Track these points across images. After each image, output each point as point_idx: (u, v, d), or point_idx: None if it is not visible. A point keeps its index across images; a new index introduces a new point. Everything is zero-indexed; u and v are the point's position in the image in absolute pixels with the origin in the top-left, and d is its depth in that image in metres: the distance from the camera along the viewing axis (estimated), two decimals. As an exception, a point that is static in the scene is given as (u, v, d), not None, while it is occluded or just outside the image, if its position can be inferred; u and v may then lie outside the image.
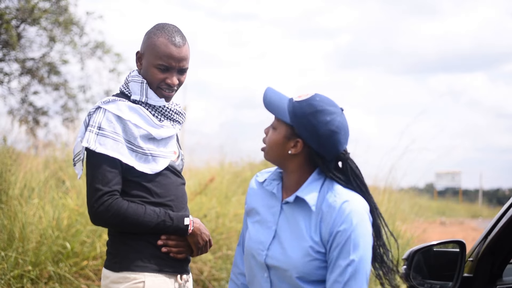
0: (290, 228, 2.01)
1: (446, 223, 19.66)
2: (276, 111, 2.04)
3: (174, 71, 2.42)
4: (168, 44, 2.39)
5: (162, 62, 2.39)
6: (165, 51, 2.39)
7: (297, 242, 1.98)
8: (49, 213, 5.55)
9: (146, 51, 2.43)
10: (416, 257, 2.40)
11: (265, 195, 2.14)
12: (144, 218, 2.31)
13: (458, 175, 35.61)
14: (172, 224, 2.36)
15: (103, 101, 2.37)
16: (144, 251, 2.35)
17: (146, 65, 2.42)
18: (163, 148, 2.42)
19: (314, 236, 1.96)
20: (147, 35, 2.46)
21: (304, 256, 1.96)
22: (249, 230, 2.15)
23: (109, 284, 2.36)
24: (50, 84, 11.54)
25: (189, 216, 2.42)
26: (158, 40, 2.40)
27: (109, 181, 2.29)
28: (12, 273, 4.86)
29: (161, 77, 2.41)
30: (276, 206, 2.08)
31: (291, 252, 1.98)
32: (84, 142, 2.30)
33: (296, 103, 2.01)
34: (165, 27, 2.44)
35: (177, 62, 2.41)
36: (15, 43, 10.06)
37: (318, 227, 1.96)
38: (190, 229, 2.39)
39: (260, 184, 2.17)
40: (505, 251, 2.35)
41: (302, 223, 1.99)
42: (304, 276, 1.96)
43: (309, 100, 2.01)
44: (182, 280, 2.44)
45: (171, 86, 2.42)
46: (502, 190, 41.93)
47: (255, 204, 2.16)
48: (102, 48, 11.88)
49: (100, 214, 2.28)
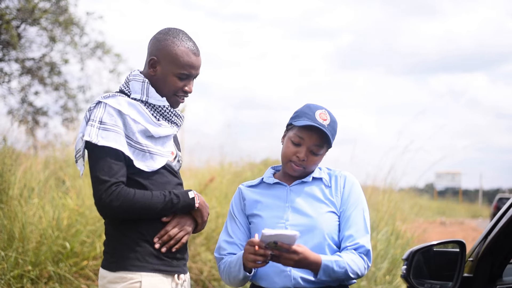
0: (304, 199, 2.47)
1: (446, 223, 19.68)
2: (330, 144, 2.50)
3: (192, 79, 2.47)
4: (189, 53, 2.42)
5: (184, 71, 2.42)
6: (188, 60, 2.41)
7: (313, 205, 2.46)
8: (49, 213, 5.55)
9: (164, 59, 2.42)
10: (416, 257, 2.40)
11: (263, 189, 2.55)
12: (151, 200, 2.31)
13: (458, 175, 35.66)
14: (179, 201, 2.36)
15: (103, 96, 2.38)
16: (141, 251, 2.35)
17: (164, 72, 2.42)
18: (160, 146, 2.42)
19: (330, 198, 2.48)
20: (160, 41, 2.43)
21: (322, 214, 2.45)
22: (258, 219, 2.49)
23: (106, 284, 2.35)
24: (50, 84, 11.55)
25: (191, 190, 2.43)
26: (179, 49, 2.40)
27: (116, 172, 2.29)
28: (12, 273, 4.86)
29: (181, 85, 2.44)
30: (282, 189, 2.51)
31: (311, 213, 2.44)
32: (86, 136, 2.30)
33: (329, 127, 2.46)
34: (180, 34, 2.44)
35: (196, 70, 2.46)
36: (16, 43, 10.07)
37: (331, 193, 2.50)
38: (197, 202, 2.40)
39: (251, 187, 2.58)
40: (505, 251, 2.35)
41: (319, 193, 2.49)
42: (323, 228, 2.43)
43: (331, 117, 2.48)
44: (180, 279, 2.43)
45: (188, 93, 2.47)
46: (502, 190, 41.95)
47: (255, 199, 2.53)
48: (102, 48, 11.89)
49: (109, 204, 2.27)
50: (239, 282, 2.44)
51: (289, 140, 2.48)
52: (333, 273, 2.33)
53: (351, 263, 2.36)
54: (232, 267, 2.41)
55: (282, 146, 2.53)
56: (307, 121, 2.44)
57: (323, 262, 2.31)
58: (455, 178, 35.60)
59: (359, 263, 2.39)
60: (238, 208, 2.56)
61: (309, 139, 2.44)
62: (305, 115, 2.46)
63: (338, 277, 2.35)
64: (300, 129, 2.45)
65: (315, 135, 2.44)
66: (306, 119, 2.44)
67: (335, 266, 2.33)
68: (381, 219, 7.40)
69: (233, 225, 2.54)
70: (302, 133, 2.45)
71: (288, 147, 2.47)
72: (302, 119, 2.46)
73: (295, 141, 2.46)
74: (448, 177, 35.51)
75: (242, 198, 2.56)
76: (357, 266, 2.37)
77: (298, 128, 2.46)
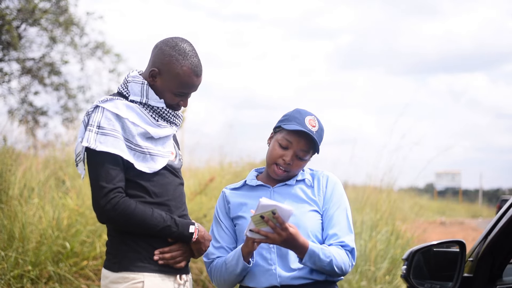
0: (287, 200, 2.49)
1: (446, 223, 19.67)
2: (317, 151, 2.52)
3: (189, 95, 2.48)
4: (191, 75, 2.41)
5: (183, 90, 2.43)
6: (188, 81, 2.41)
7: (296, 206, 2.47)
8: (49, 213, 5.55)
9: (166, 74, 2.40)
10: (416, 257, 2.40)
11: (246, 191, 2.58)
12: (150, 221, 2.31)
13: (458, 175, 35.66)
14: (177, 230, 2.37)
15: (101, 100, 2.37)
16: (143, 252, 2.35)
17: (163, 86, 2.42)
18: (161, 147, 2.42)
19: (313, 198, 2.51)
20: (165, 55, 2.40)
21: (305, 213, 2.48)
22: (243, 221, 2.51)
23: (108, 284, 2.36)
24: (50, 84, 11.55)
25: (194, 223, 2.43)
26: (182, 70, 2.39)
27: (113, 178, 2.30)
28: (12, 273, 4.86)
29: (176, 100, 2.45)
30: (266, 190, 2.54)
31: (294, 212, 2.39)
32: (84, 142, 2.30)
33: (317, 134, 2.49)
34: (186, 50, 2.41)
35: (195, 89, 2.47)
36: (16, 43, 10.07)
37: (313, 193, 2.53)
38: (195, 238, 2.41)
39: (234, 190, 2.61)
40: (505, 251, 2.35)
41: (301, 193, 2.52)
42: (307, 227, 2.45)
43: (319, 124, 2.52)
44: (182, 280, 2.44)
45: (183, 106, 2.49)
46: (502, 190, 41.95)
47: (240, 202, 2.55)
48: (102, 48, 11.89)
49: (107, 211, 2.28)
50: (235, 278, 2.46)
51: (277, 143, 2.50)
52: (318, 260, 2.35)
53: (337, 256, 2.39)
54: (229, 262, 2.44)
55: (268, 147, 2.56)
56: (297, 125, 2.46)
57: (310, 247, 2.34)
58: (455, 178, 35.61)
59: (345, 259, 2.42)
60: (223, 212, 2.59)
61: (297, 144, 2.47)
62: (295, 119, 2.49)
63: (323, 266, 2.37)
64: (289, 132, 2.48)
65: (304, 141, 2.47)
66: (296, 124, 2.47)
67: (321, 254, 2.36)
68: (381, 219, 7.39)
69: (219, 230, 2.57)
70: (291, 137, 2.47)
71: (275, 149, 2.50)
72: (292, 123, 2.48)
73: (282, 144, 2.48)
74: (448, 177, 35.52)
75: (226, 201, 2.59)
76: (342, 260, 2.41)
77: (287, 131, 2.49)
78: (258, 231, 2.29)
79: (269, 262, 2.43)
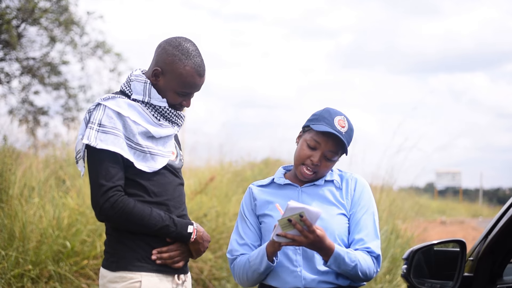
0: (315, 201, 2.46)
1: (446, 222, 19.66)
2: (345, 151, 2.48)
3: (192, 95, 2.49)
4: (195, 75, 2.41)
5: (185, 90, 2.43)
6: (191, 81, 2.42)
7: (323, 208, 2.43)
8: (50, 212, 5.55)
9: (169, 74, 2.41)
10: (417, 257, 2.40)
11: (274, 189, 2.54)
12: (149, 220, 2.31)
13: (459, 174, 35.62)
14: (175, 230, 2.37)
15: (103, 98, 2.37)
16: (141, 251, 2.35)
17: (166, 86, 2.42)
18: (161, 147, 2.42)
19: (341, 201, 2.48)
20: (168, 55, 2.41)
21: (333, 216, 2.45)
22: (269, 219, 2.48)
23: (106, 284, 2.36)
24: (50, 84, 11.54)
25: (193, 224, 2.43)
26: (185, 70, 2.39)
27: (112, 176, 2.30)
28: (12, 272, 4.86)
29: (179, 100, 2.45)
30: (294, 190, 2.50)
31: (322, 215, 2.36)
32: (85, 139, 2.30)
33: (346, 135, 2.45)
34: (189, 50, 2.42)
35: (198, 89, 2.47)
36: (16, 43, 10.07)
37: (341, 196, 2.50)
38: (193, 238, 2.41)
39: (262, 187, 2.56)
40: (506, 251, 2.35)
41: (330, 195, 2.48)
42: (334, 231, 2.42)
43: (349, 124, 2.48)
44: (180, 280, 2.44)
45: (185, 106, 2.48)
46: (502, 190, 41.93)
47: (266, 200, 2.51)
48: (103, 48, 11.87)
49: (105, 210, 2.29)
50: (258, 277, 2.43)
51: (305, 143, 2.46)
52: (343, 264, 2.33)
53: (362, 261, 2.37)
54: (252, 260, 2.41)
55: (297, 146, 2.52)
56: (326, 126, 2.43)
57: (336, 250, 2.31)
58: (456, 178, 35.57)
59: (370, 264, 2.40)
60: (249, 208, 2.55)
61: (325, 145, 2.43)
62: (324, 119, 2.45)
63: (347, 270, 2.34)
64: (317, 133, 2.44)
65: (332, 142, 2.44)
66: (325, 124, 2.44)
67: (346, 258, 2.33)
68: (381, 218, 7.39)
69: (244, 226, 2.53)
70: (319, 137, 2.44)
71: (303, 150, 2.46)
72: (321, 123, 2.44)
73: (311, 144, 2.45)
74: (449, 177, 35.48)
75: (253, 198, 2.55)
76: (367, 266, 2.38)
77: (315, 132, 2.45)
78: (285, 235, 2.25)
79: (294, 263, 2.41)
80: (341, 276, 2.40)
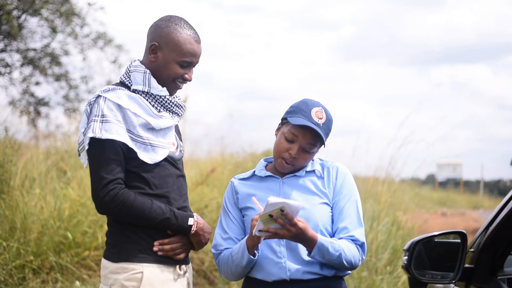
0: (297, 191, 2.46)
1: (447, 214, 19.66)
2: (323, 143, 2.47)
3: (193, 67, 2.47)
4: (192, 41, 2.42)
5: (186, 58, 2.41)
6: (190, 48, 2.41)
7: (305, 198, 2.45)
8: (51, 204, 5.56)
9: (166, 46, 2.41)
10: (417, 248, 2.40)
11: (255, 182, 2.54)
12: (149, 213, 2.31)
13: (460, 166, 35.62)
14: (176, 222, 2.37)
15: (103, 90, 2.37)
16: (143, 242, 2.35)
17: (166, 59, 2.41)
18: (162, 138, 2.42)
19: (323, 190, 2.47)
20: (162, 28, 2.42)
21: (315, 206, 2.45)
22: (251, 212, 2.47)
23: (108, 274, 2.36)
24: (51, 75, 11.53)
25: (193, 216, 2.43)
26: (181, 37, 2.40)
27: (113, 169, 2.30)
28: (13, 263, 4.88)
29: (181, 72, 2.43)
30: (275, 182, 2.50)
31: (304, 204, 2.39)
32: (90, 133, 2.30)
33: (324, 126, 2.45)
34: (181, 22, 2.44)
35: (197, 58, 2.46)
36: (17, 33, 10.05)
37: (323, 185, 2.49)
38: (193, 230, 2.41)
39: (243, 180, 2.57)
40: (507, 242, 2.35)
41: (311, 185, 2.48)
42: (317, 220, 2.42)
43: (327, 115, 2.47)
44: (181, 270, 2.44)
45: (188, 80, 2.46)
46: (503, 181, 41.94)
47: (248, 192, 2.51)
48: (104, 39, 11.86)
49: (106, 203, 2.29)
50: (242, 271, 2.44)
51: (283, 136, 2.46)
52: (327, 254, 2.33)
53: (346, 250, 2.37)
54: (235, 254, 2.41)
55: (275, 139, 2.52)
56: (303, 119, 2.42)
57: (319, 241, 2.31)
58: (456, 169, 35.57)
59: (354, 253, 2.40)
60: (231, 202, 2.55)
61: (303, 138, 2.43)
62: (301, 112, 2.44)
63: (332, 260, 2.35)
64: (294, 126, 2.43)
65: (309, 134, 2.43)
66: (302, 117, 2.43)
67: (330, 248, 2.33)
68: (382, 209, 7.39)
69: (228, 220, 2.54)
70: (296, 130, 2.43)
71: (281, 143, 2.46)
72: (298, 116, 2.44)
73: (288, 137, 2.44)
74: (449, 168, 35.48)
75: (235, 191, 2.55)
76: (351, 254, 2.38)
77: (292, 125, 2.44)
78: (267, 230, 2.25)
79: (278, 255, 2.40)
80: (326, 266, 2.40)
